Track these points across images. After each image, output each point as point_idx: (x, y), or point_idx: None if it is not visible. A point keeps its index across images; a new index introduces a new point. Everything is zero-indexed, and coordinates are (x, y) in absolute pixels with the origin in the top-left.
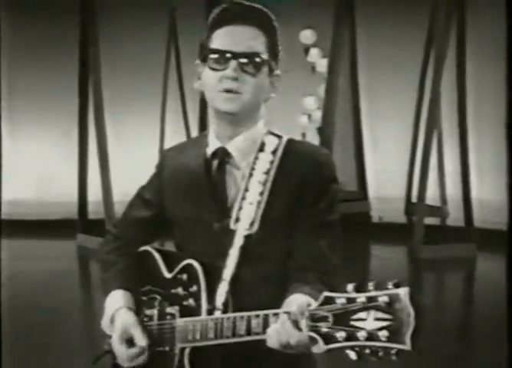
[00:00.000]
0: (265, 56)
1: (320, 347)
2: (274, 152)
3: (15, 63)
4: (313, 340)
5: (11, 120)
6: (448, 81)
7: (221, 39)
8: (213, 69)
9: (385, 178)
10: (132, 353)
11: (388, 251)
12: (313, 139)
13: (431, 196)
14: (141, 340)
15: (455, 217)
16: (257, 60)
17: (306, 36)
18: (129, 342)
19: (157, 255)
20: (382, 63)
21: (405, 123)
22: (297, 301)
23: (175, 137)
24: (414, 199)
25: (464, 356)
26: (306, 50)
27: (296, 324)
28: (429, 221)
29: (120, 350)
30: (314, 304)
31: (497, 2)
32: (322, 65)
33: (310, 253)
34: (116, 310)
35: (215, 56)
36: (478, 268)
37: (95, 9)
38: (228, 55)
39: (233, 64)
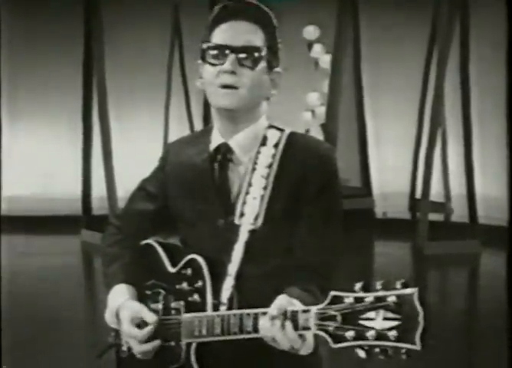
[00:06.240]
0: (263, 50)
1: (307, 347)
2: (275, 146)
3: (18, 57)
4: (303, 340)
5: (13, 115)
6: (451, 78)
7: (220, 35)
8: (212, 64)
9: (389, 174)
10: (145, 332)
11: (392, 247)
12: (317, 135)
13: (435, 193)
14: (151, 317)
15: (459, 213)
16: (255, 54)
17: (310, 32)
18: (139, 326)
19: (160, 249)
20: (386, 59)
21: (408, 119)
22: (277, 303)
23: (179, 133)
24: (418, 196)
25: (467, 352)
26: (310, 46)
27: (279, 325)
28: (433, 217)
29: (133, 334)
30: (322, 304)
31: (498, 1)
32: (325, 61)
33: (307, 251)
34: (121, 304)
35: (214, 51)
36: (482, 265)
37: (99, 4)
38: (226, 50)
39: (231, 58)
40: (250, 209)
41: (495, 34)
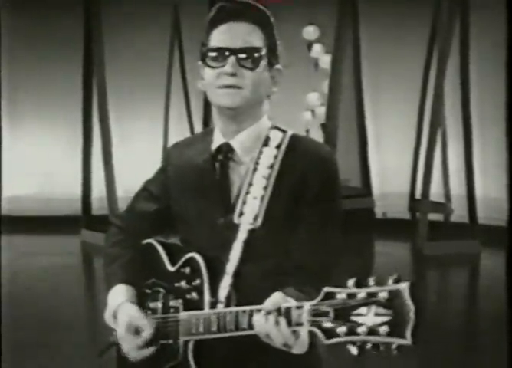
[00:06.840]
0: (263, 50)
1: (301, 345)
2: (278, 147)
3: (18, 58)
4: (296, 337)
5: (13, 115)
6: (451, 78)
7: (219, 37)
8: (212, 67)
9: (389, 174)
10: (139, 341)
11: (392, 247)
12: (317, 135)
13: (435, 193)
14: (147, 329)
15: (459, 214)
16: (255, 54)
17: (309, 32)
18: (135, 332)
19: (160, 248)
20: (386, 59)
21: (408, 119)
22: (272, 299)
23: (178, 133)
24: (418, 196)
25: (467, 352)
26: (310, 46)
27: (273, 320)
28: (433, 217)
29: (127, 341)
30: (315, 300)
31: (498, 1)
32: (325, 61)
33: (304, 253)
34: (119, 305)
35: (214, 54)
36: (481, 265)
37: (99, 6)
38: (226, 52)
39: (231, 60)
40: (249, 209)
41: (495, 34)
